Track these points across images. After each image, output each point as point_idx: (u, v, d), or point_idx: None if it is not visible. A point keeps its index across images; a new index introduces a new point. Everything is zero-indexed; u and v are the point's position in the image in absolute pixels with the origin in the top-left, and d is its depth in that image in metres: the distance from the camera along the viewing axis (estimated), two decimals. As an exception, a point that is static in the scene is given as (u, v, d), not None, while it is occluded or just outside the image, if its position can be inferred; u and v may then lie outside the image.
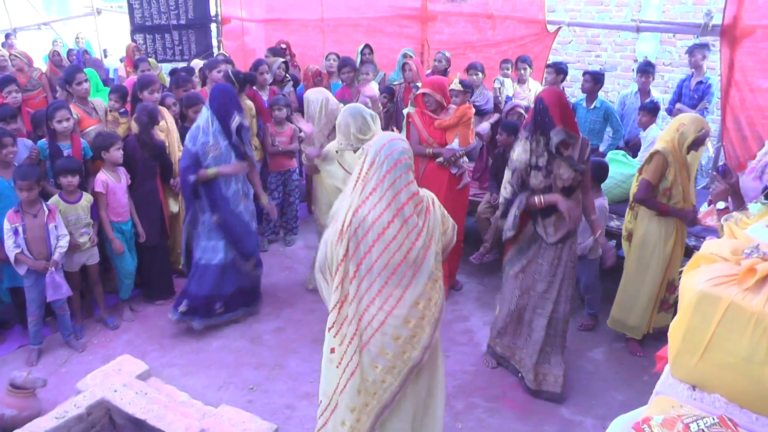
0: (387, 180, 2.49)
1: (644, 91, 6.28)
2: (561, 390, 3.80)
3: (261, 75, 5.99)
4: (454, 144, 4.68)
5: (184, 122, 5.22)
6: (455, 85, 5.04)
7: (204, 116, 4.34)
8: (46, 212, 4.04)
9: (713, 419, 1.53)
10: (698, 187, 4.56)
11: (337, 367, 2.63)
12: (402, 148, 2.54)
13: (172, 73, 6.79)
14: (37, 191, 3.96)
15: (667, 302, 4.28)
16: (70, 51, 9.03)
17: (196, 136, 4.31)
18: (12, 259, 3.96)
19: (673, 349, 1.84)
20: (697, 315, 1.74)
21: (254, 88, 6.01)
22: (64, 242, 4.13)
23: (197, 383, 3.98)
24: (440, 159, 4.68)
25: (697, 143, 3.97)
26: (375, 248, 2.49)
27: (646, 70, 6.24)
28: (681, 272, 1.94)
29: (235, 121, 4.31)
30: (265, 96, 5.97)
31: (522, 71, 6.51)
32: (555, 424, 3.62)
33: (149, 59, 7.79)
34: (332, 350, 2.64)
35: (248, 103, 5.55)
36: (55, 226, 4.09)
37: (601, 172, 4.44)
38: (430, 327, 2.63)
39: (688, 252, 4.26)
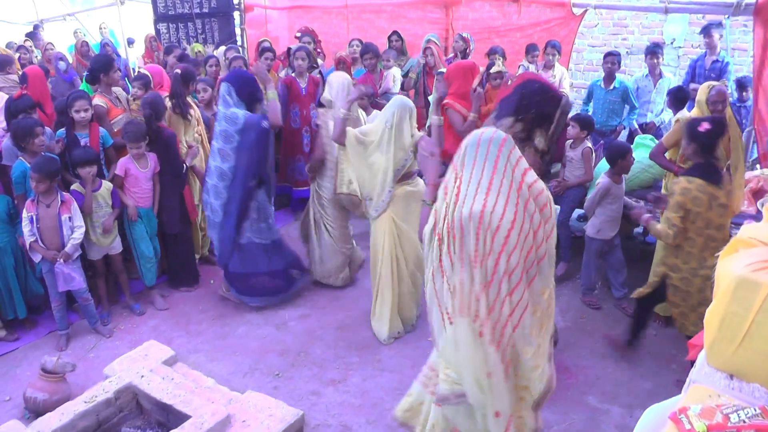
0: (499, 168, 2.22)
1: (654, 73, 6.28)
2: None
3: (296, 60, 5.98)
4: None
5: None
6: (500, 68, 5.13)
7: None
8: (59, 203, 4.05)
9: (755, 410, 1.48)
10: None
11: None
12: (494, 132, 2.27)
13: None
14: (47, 184, 3.94)
15: None
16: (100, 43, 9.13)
17: None
18: (27, 246, 4.04)
19: (710, 336, 1.78)
20: (735, 301, 1.68)
21: (292, 75, 5.97)
22: (78, 234, 4.11)
23: (223, 369, 4.01)
24: None
25: (713, 102, 4.15)
26: (503, 252, 2.21)
27: (654, 51, 6.28)
28: (716, 256, 1.88)
29: None
30: (303, 83, 5.93)
31: (550, 57, 6.48)
32: (582, 412, 3.57)
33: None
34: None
35: None
36: (69, 217, 4.08)
37: (613, 152, 4.45)
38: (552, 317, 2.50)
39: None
